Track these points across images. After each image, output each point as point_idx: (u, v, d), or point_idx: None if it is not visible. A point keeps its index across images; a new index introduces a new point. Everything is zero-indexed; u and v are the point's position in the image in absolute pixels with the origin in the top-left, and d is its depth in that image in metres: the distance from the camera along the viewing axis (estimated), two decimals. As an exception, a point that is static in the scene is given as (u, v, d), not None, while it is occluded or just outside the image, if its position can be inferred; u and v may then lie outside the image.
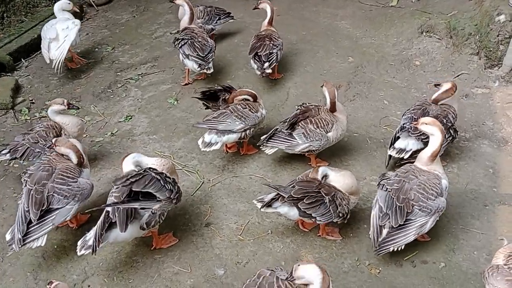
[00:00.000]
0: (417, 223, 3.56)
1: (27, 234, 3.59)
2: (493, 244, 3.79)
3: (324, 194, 3.61)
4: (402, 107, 5.34)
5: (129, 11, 8.05)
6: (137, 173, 3.48)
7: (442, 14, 6.76)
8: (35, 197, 3.65)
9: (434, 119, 3.86)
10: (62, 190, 3.72)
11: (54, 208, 3.70)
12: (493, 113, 5.23)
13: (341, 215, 3.69)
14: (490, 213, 4.09)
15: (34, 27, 7.06)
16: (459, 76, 5.81)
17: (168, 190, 3.59)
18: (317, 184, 3.66)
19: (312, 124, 4.38)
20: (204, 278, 3.68)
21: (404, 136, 4.34)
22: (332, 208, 3.62)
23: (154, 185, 3.47)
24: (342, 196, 3.70)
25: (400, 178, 3.66)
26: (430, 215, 3.57)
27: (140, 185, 3.41)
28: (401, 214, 3.54)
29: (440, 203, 3.60)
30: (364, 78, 5.96)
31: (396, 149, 4.35)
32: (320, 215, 3.63)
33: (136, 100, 5.84)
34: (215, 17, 6.64)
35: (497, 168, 4.54)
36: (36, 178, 3.74)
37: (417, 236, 3.61)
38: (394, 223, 3.53)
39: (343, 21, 7.22)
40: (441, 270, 3.64)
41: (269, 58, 5.57)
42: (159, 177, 3.53)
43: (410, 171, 3.71)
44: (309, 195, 3.59)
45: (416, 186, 3.59)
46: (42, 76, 6.37)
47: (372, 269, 3.68)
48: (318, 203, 3.60)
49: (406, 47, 6.44)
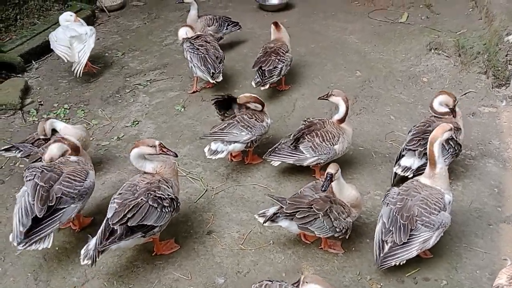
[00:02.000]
0: (420, 238, 3.54)
1: (32, 230, 3.53)
2: (496, 263, 3.75)
3: (316, 210, 3.59)
4: (408, 122, 5.35)
5: (141, 18, 8.14)
6: (134, 205, 3.46)
7: (451, 32, 6.79)
8: (42, 193, 3.62)
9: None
10: (69, 192, 3.71)
11: (61, 207, 3.70)
12: (500, 133, 5.22)
13: (339, 230, 3.66)
14: (494, 232, 4.06)
15: (46, 30, 7.13)
16: (466, 94, 5.82)
17: (168, 212, 3.60)
18: (310, 200, 3.64)
19: (318, 137, 4.40)
20: (204, 286, 3.66)
21: (409, 154, 4.35)
22: (326, 223, 3.60)
23: (151, 216, 3.49)
24: (342, 210, 3.67)
25: (403, 196, 3.65)
26: (434, 230, 3.55)
27: (136, 220, 3.43)
28: (405, 231, 3.52)
29: (444, 218, 3.58)
30: (371, 92, 5.97)
31: (402, 166, 4.35)
32: (318, 229, 3.62)
33: (144, 106, 5.88)
34: (224, 23, 6.75)
35: (502, 188, 4.51)
36: (46, 178, 3.72)
37: (420, 251, 3.59)
38: (398, 241, 3.52)
39: (352, 36, 7.26)
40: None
41: (271, 73, 5.58)
42: (156, 204, 3.52)
43: (412, 188, 3.69)
44: (300, 210, 3.58)
45: (419, 201, 3.58)
46: (51, 79, 6.43)
47: (374, 284, 3.65)
48: (312, 217, 3.58)
49: (414, 63, 6.45)
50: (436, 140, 3.66)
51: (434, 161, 3.67)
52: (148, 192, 3.56)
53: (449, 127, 3.68)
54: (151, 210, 3.50)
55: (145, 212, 3.47)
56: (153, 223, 3.53)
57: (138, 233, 3.50)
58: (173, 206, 3.66)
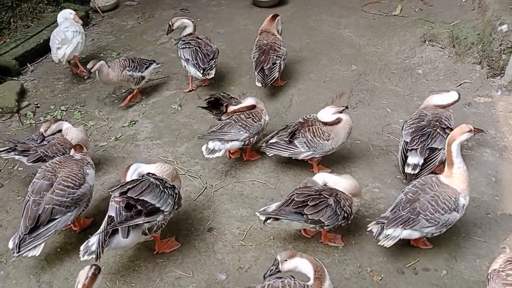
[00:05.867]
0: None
1: (24, 241, 3.60)
2: (495, 252, 3.78)
3: (326, 196, 3.63)
4: (404, 115, 5.37)
5: (134, 17, 8.12)
6: (134, 179, 3.53)
7: (445, 24, 6.82)
8: (33, 209, 3.66)
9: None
10: (62, 202, 3.73)
11: (56, 218, 3.72)
12: (496, 122, 5.25)
13: (346, 216, 3.70)
14: (492, 221, 4.10)
15: (40, 32, 7.12)
16: (461, 85, 5.84)
17: (170, 196, 3.61)
18: (317, 189, 3.69)
19: (310, 132, 4.44)
20: (206, 283, 3.69)
21: (412, 154, 4.37)
22: (338, 209, 3.63)
23: (151, 192, 3.50)
24: (345, 197, 3.72)
25: (417, 189, 3.69)
26: (437, 227, 3.62)
27: (136, 192, 3.45)
28: (408, 222, 3.58)
29: (451, 217, 3.62)
30: (367, 86, 5.99)
31: (411, 165, 4.36)
32: (327, 218, 3.63)
33: (140, 106, 5.88)
34: (141, 66, 5.79)
35: (500, 177, 4.55)
36: (36, 188, 3.75)
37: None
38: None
39: (346, 30, 7.27)
40: (443, 277, 3.65)
41: (272, 70, 5.59)
42: (158, 182, 3.56)
43: (428, 184, 3.70)
44: (312, 197, 3.61)
45: (430, 197, 3.61)
46: (47, 81, 6.42)
47: (374, 276, 3.68)
48: (323, 205, 3.61)
49: (409, 55, 6.47)
50: (454, 141, 3.65)
51: (451, 161, 3.66)
52: (149, 173, 3.68)
53: (468, 129, 3.68)
54: (152, 186, 3.53)
55: (146, 186, 3.50)
56: (155, 203, 3.52)
57: (140, 217, 3.48)
58: (175, 194, 3.69)
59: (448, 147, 3.66)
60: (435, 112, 4.50)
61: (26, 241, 3.60)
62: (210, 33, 7.17)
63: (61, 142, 4.46)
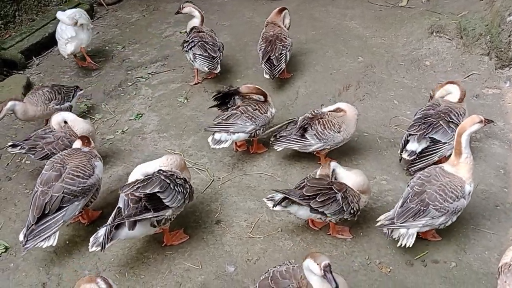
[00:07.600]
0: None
1: (34, 232, 3.61)
2: (504, 244, 3.77)
3: (336, 190, 3.61)
4: (412, 107, 5.34)
5: (139, 10, 8.09)
6: (145, 178, 3.54)
7: (452, 14, 6.74)
8: (40, 198, 3.68)
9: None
10: (72, 191, 3.74)
11: (64, 206, 3.74)
12: (504, 114, 5.21)
13: (353, 212, 3.69)
14: (501, 213, 4.08)
15: (45, 26, 7.12)
16: (469, 77, 5.80)
17: (180, 192, 3.61)
18: (329, 181, 3.67)
19: (320, 125, 4.42)
20: (215, 275, 3.70)
21: (412, 140, 4.37)
22: (344, 205, 3.62)
23: (164, 192, 3.50)
24: (354, 193, 3.71)
25: (423, 181, 3.68)
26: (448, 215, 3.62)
27: (146, 189, 3.46)
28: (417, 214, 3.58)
29: (459, 204, 3.61)
30: (374, 78, 5.95)
31: (408, 151, 4.37)
32: (332, 213, 3.63)
33: (146, 99, 5.87)
34: (68, 95, 5.24)
35: (508, 169, 4.52)
36: (45, 179, 3.77)
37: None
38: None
39: (352, 21, 7.22)
40: (452, 269, 3.64)
41: (279, 60, 5.56)
42: (169, 180, 3.56)
43: (433, 175, 3.69)
44: (321, 192, 3.59)
45: (437, 187, 3.60)
46: (53, 74, 6.42)
47: (383, 268, 3.68)
48: (331, 200, 3.60)
49: (416, 47, 6.42)
50: (465, 131, 3.63)
51: (460, 150, 3.64)
52: (160, 170, 3.67)
53: (479, 119, 3.65)
54: (162, 183, 3.52)
55: (157, 183, 3.49)
56: (166, 201, 3.52)
57: (149, 212, 3.48)
58: (186, 189, 3.69)
59: (458, 137, 3.64)
60: (448, 105, 4.45)
61: (34, 231, 3.61)
62: (215, 25, 7.14)
63: (68, 138, 4.46)
